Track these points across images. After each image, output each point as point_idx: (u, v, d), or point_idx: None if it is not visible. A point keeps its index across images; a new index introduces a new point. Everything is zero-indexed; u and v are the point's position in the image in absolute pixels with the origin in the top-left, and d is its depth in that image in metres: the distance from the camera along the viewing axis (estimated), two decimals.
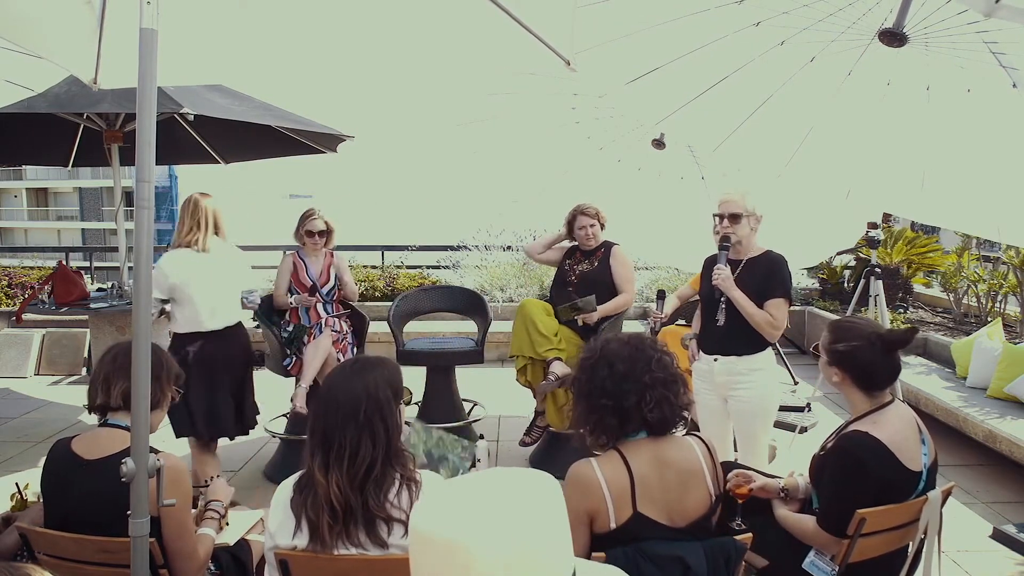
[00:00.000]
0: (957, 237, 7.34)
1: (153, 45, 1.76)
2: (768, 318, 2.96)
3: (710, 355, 3.13)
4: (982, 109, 2.57)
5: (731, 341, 3.04)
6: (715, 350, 3.11)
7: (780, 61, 2.67)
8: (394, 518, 1.72)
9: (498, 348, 6.60)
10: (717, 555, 1.79)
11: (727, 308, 2.99)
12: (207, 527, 2.17)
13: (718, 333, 3.04)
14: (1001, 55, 2.40)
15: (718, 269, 2.99)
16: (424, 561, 1.03)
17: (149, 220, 1.79)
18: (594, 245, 4.21)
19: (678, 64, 2.78)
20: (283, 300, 4.30)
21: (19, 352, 6.58)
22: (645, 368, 1.88)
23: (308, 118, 5.15)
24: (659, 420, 1.86)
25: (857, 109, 2.78)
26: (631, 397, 1.85)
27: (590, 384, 1.91)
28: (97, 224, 41.42)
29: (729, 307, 2.99)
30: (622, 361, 1.89)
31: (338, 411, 1.74)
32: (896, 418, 2.14)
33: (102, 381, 2.08)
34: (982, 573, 3.15)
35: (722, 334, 3.03)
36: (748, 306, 2.96)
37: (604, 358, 1.91)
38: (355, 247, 8.95)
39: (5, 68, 3.44)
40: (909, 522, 2.11)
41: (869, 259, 4.46)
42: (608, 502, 1.79)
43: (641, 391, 1.85)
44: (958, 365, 5.27)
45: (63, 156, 5.94)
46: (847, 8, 2.44)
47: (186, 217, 3.50)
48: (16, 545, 2.06)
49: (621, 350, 1.91)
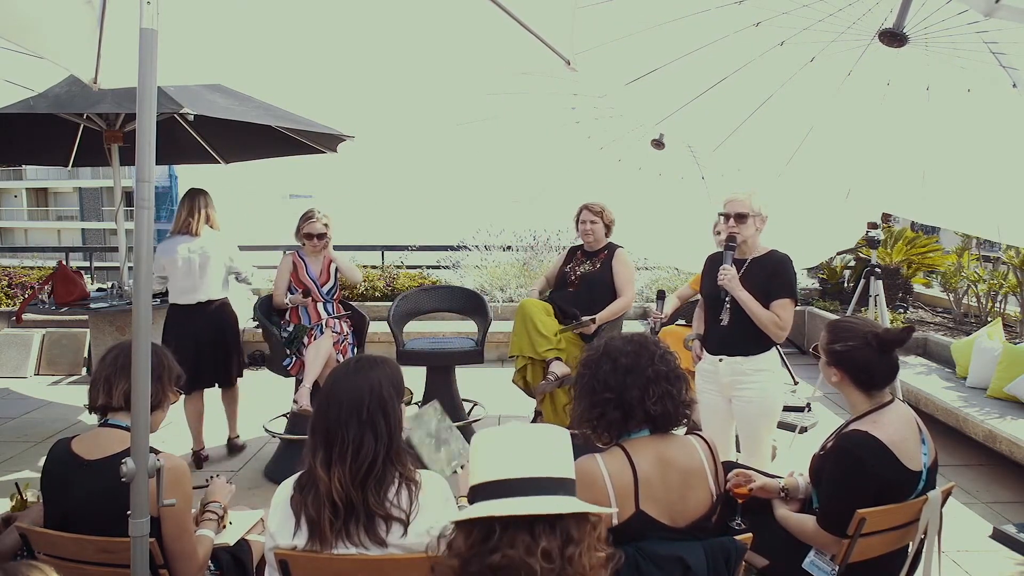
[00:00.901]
0: (957, 237, 7.34)
1: (153, 45, 1.76)
2: (774, 318, 2.95)
3: (715, 355, 3.12)
4: (982, 109, 2.57)
5: (736, 341, 3.03)
6: (720, 350, 3.10)
7: (780, 61, 2.67)
8: (393, 517, 1.72)
9: (498, 348, 6.60)
10: (717, 555, 1.79)
11: (731, 308, 2.98)
12: (205, 528, 2.17)
13: (722, 333, 3.03)
14: (1001, 55, 2.40)
15: (724, 269, 2.98)
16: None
17: (149, 220, 1.79)
18: (595, 245, 4.20)
19: (678, 64, 2.78)
20: (281, 300, 4.31)
21: (19, 352, 6.58)
22: (648, 362, 1.88)
23: (308, 118, 5.15)
24: (662, 414, 1.87)
25: (857, 109, 2.78)
26: (634, 391, 1.85)
27: (593, 379, 1.92)
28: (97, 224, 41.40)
29: (734, 307, 2.98)
30: (625, 355, 1.90)
31: (341, 408, 1.74)
32: (896, 418, 2.14)
33: (103, 381, 2.08)
34: (982, 573, 3.15)
35: (726, 334, 3.02)
36: (754, 306, 2.95)
37: (607, 354, 1.92)
38: (355, 247, 8.95)
39: (5, 68, 3.44)
40: (909, 522, 2.11)
41: (869, 259, 4.47)
42: (611, 498, 1.79)
43: (644, 384, 1.86)
44: (958, 365, 5.27)
45: (63, 156, 5.93)
46: (847, 8, 2.44)
47: (183, 206, 4.31)
48: (16, 545, 2.06)
49: (624, 346, 1.92)
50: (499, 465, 1.35)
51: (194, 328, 4.26)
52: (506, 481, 1.33)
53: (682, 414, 1.92)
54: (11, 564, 1.09)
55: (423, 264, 8.98)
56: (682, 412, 1.92)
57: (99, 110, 4.48)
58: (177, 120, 4.87)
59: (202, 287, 4.28)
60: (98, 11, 2.36)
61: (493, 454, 1.38)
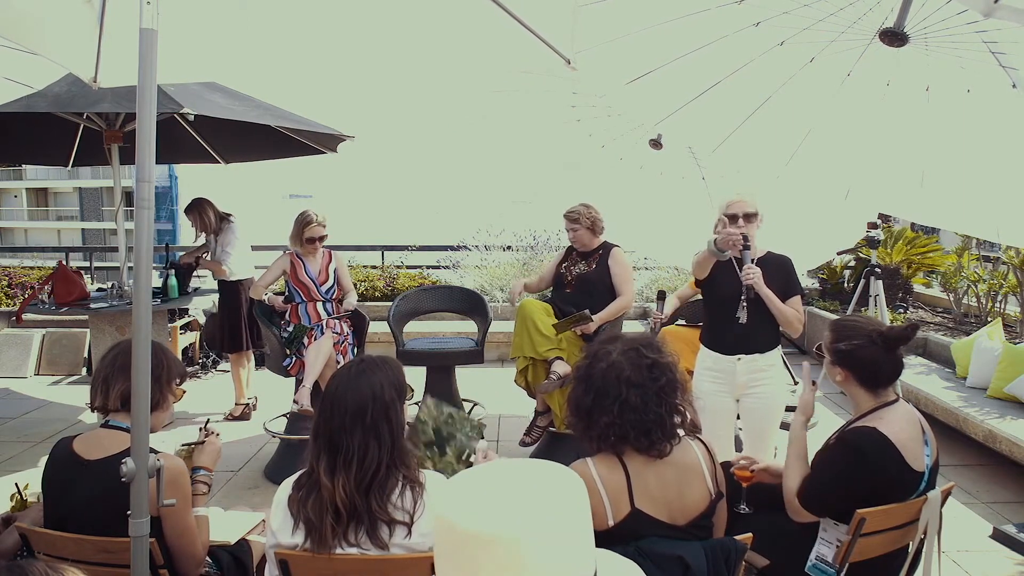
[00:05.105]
0: (957, 237, 7.34)
1: (153, 45, 1.76)
2: (797, 314, 3.05)
3: (731, 355, 3.08)
4: (982, 109, 2.57)
5: (753, 338, 3.05)
6: (737, 349, 3.07)
7: (780, 61, 2.66)
8: (396, 520, 1.72)
9: (498, 348, 6.60)
10: (717, 555, 1.79)
11: (749, 306, 2.99)
12: (199, 506, 2.10)
13: (740, 331, 3.02)
14: (1001, 55, 2.40)
15: (749, 268, 2.98)
16: (452, 554, 1.01)
17: (149, 220, 1.79)
18: (587, 247, 4.18)
19: (677, 64, 2.77)
20: (260, 292, 4.41)
21: (19, 352, 6.58)
22: (620, 391, 1.84)
23: (308, 118, 5.15)
24: (645, 448, 1.84)
25: (857, 109, 2.78)
26: (603, 417, 1.84)
27: (573, 393, 1.94)
28: (97, 224, 41.41)
29: (751, 305, 2.99)
30: (602, 377, 1.87)
31: (345, 415, 1.74)
32: (901, 416, 2.13)
33: (101, 382, 2.07)
34: (982, 573, 3.16)
35: (743, 332, 3.02)
36: (778, 303, 3.00)
37: (586, 375, 1.91)
38: (355, 247, 8.95)
39: (4, 66, 3.43)
40: (909, 522, 2.11)
41: (869, 259, 4.47)
42: (604, 499, 1.79)
43: (616, 413, 1.83)
44: (958, 365, 5.26)
45: (63, 156, 5.93)
46: (847, 8, 2.44)
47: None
48: (16, 545, 2.06)
49: (601, 367, 1.88)
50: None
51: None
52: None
53: (669, 434, 1.86)
54: (38, 564, 1.08)
55: (423, 264, 8.97)
56: (668, 432, 1.86)
57: (99, 110, 4.48)
58: (177, 120, 4.87)
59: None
60: (98, 10, 2.36)
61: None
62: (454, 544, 1.01)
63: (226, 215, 5.23)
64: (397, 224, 22.38)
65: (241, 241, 5.21)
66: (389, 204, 41.03)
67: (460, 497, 1.05)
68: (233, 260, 5.12)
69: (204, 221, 5.14)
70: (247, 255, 5.32)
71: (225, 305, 5.28)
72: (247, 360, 5.36)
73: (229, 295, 5.25)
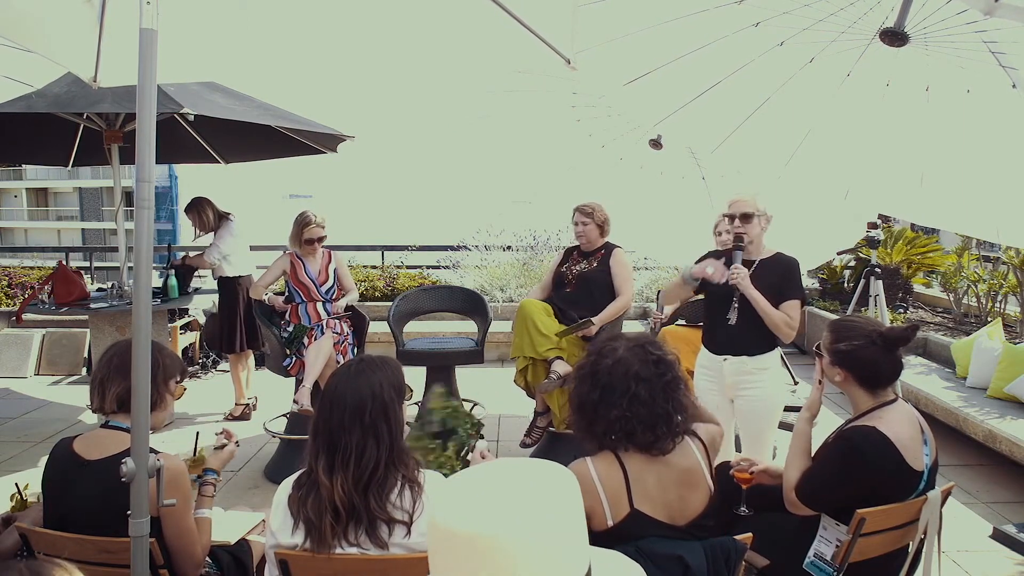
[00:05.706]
0: (957, 237, 7.34)
1: (153, 45, 1.76)
2: (785, 318, 2.97)
3: (719, 355, 3.10)
4: (982, 109, 2.57)
5: (742, 340, 3.03)
6: (725, 350, 3.08)
7: (779, 62, 2.66)
8: (395, 519, 1.72)
9: (498, 348, 6.60)
10: (717, 555, 1.79)
11: (740, 307, 2.98)
12: (203, 508, 2.11)
13: (729, 332, 3.02)
14: (1001, 55, 2.40)
15: (736, 268, 2.98)
16: (447, 556, 1.01)
17: (149, 220, 1.79)
18: (590, 245, 4.18)
19: (677, 64, 2.77)
20: (260, 292, 4.42)
21: (19, 352, 6.58)
22: (629, 397, 1.84)
23: (308, 118, 5.15)
24: (649, 444, 1.85)
25: (856, 110, 2.77)
26: (601, 424, 1.86)
27: (576, 394, 1.93)
28: (97, 224, 41.42)
29: (742, 306, 2.97)
30: (608, 375, 1.88)
31: (344, 414, 1.74)
32: (900, 416, 2.13)
33: (98, 385, 2.07)
34: (982, 573, 3.15)
35: (733, 333, 3.01)
36: (765, 306, 2.95)
37: (590, 373, 1.91)
38: (355, 247, 8.95)
39: (4, 65, 3.43)
40: (909, 522, 2.11)
41: (869, 259, 4.47)
42: (603, 500, 1.79)
43: (615, 416, 1.84)
44: (958, 365, 5.27)
45: (63, 156, 5.94)
46: (847, 8, 2.44)
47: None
48: (16, 545, 2.06)
49: (605, 368, 1.89)
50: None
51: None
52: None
53: (673, 431, 1.87)
54: (35, 562, 1.08)
55: (423, 264, 8.98)
56: (673, 428, 1.87)
57: (99, 110, 4.48)
58: (177, 120, 4.87)
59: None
60: (98, 10, 2.36)
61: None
62: (445, 545, 1.01)
63: (225, 214, 5.23)
64: (397, 224, 22.38)
65: (240, 240, 5.22)
66: (389, 204, 41.01)
67: (451, 498, 1.05)
68: (220, 254, 5.14)
69: (203, 220, 5.15)
70: (246, 254, 5.33)
71: (225, 305, 5.30)
72: (247, 360, 5.37)
73: (229, 294, 5.26)
